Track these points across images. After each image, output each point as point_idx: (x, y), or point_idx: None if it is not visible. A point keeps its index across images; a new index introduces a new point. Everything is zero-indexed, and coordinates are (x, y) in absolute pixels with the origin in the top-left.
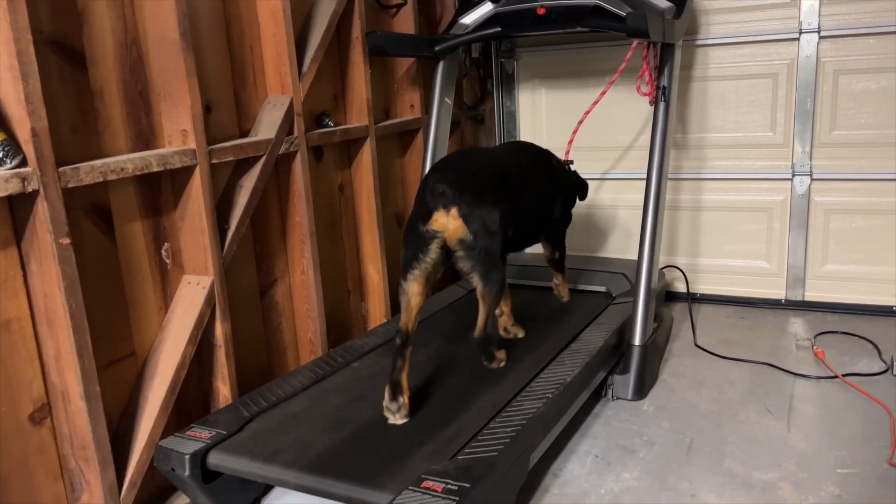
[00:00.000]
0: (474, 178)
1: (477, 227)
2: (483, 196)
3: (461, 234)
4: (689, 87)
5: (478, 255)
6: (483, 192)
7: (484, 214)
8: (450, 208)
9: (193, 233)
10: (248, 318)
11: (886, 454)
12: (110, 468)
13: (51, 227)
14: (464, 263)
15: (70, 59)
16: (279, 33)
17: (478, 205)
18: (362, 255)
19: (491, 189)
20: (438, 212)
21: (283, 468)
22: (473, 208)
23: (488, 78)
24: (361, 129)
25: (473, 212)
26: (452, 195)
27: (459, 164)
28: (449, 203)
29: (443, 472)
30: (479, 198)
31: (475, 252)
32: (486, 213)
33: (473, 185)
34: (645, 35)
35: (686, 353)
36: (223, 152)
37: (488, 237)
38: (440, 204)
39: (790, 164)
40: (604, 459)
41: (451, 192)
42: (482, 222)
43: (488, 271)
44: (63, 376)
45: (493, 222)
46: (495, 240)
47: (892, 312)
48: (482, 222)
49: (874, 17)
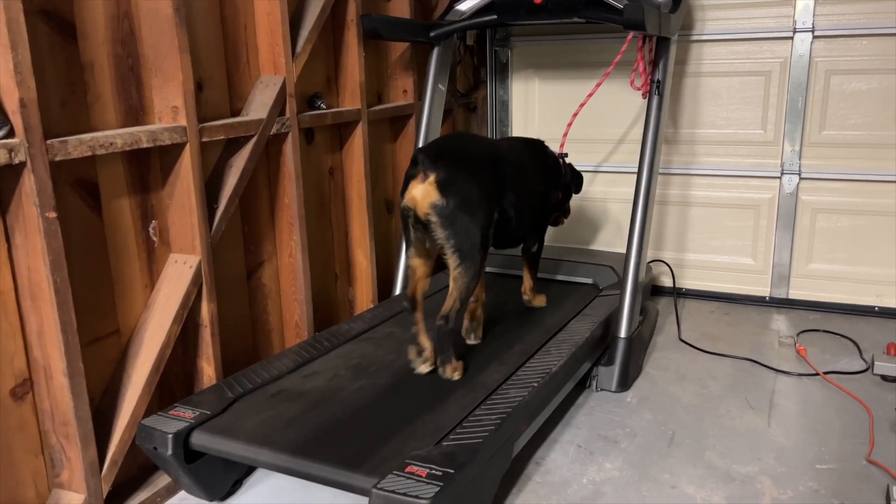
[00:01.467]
0: (459, 152)
1: (453, 195)
2: (465, 168)
3: (433, 199)
4: (682, 82)
5: (452, 224)
6: (466, 165)
7: (463, 184)
8: (428, 174)
9: (181, 211)
10: (234, 299)
11: (864, 451)
12: (91, 446)
13: (37, 200)
14: (438, 232)
15: (60, 30)
16: (273, 12)
17: (456, 173)
18: (351, 240)
19: (476, 165)
20: (416, 179)
21: (266, 450)
22: (451, 175)
23: (482, 66)
24: (354, 112)
25: (451, 178)
26: (431, 162)
27: (449, 141)
28: (427, 170)
29: (427, 457)
30: (460, 168)
31: (448, 220)
32: (465, 183)
33: (456, 156)
34: (641, 28)
35: (670, 346)
36: (214, 131)
37: (466, 209)
38: (418, 171)
39: (779, 163)
40: (586, 449)
41: (430, 160)
42: (460, 191)
43: (463, 246)
44: (46, 352)
45: (473, 194)
46: (475, 215)
47: (874, 312)
48: (460, 191)
49: (868, 19)
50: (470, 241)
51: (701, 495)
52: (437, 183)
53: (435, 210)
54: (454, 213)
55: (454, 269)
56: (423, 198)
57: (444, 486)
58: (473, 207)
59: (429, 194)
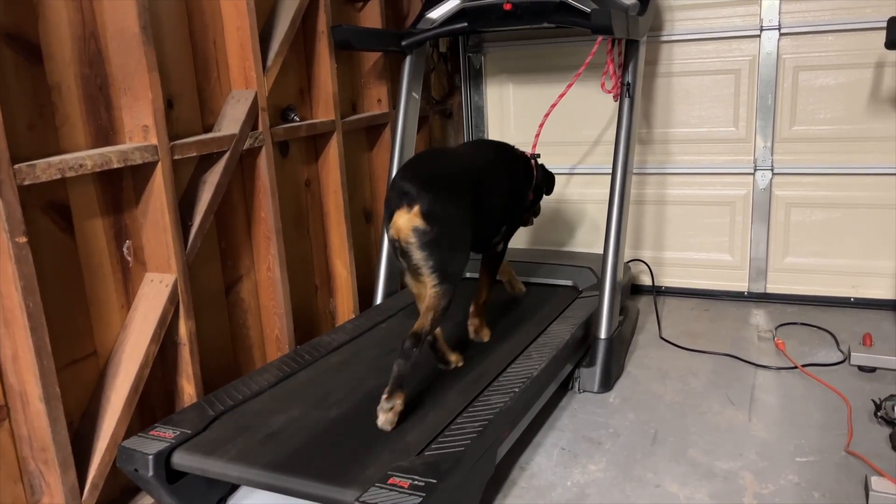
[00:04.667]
0: (440, 177)
1: (437, 224)
2: (448, 194)
3: (416, 223)
4: (654, 82)
5: (432, 248)
6: (448, 191)
7: (448, 211)
8: (412, 206)
9: (156, 230)
10: (213, 316)
11: (844, 442)
12: (71, 470)
13: (6, 226)
14: (415, 254)
15: (25, 52)
16: (243, 27)
17: (441, 202)
18: (330, 251)
19: (457, 189)
20: (400, 210)
21: (248, 467)
22: (436, 205)
23: (456, 73)
24: (328, 123)
25: (435, 209)
26: (415, 193)
27: (424, 163)
28: (412, 202)
29: (409, 468)
30: (443, 196)
31: (429, 245)
32: (449, 211)
33: (438, 183)
34: (609, 32)
35: (651, 345)
36: (186, 148)
37: (449, 235)
38: (403, 202)
39: (752, 159)
40: (570, 452)
41: (414, 190)
42: (444, 219)
43: (445, 268)
44: (21, 377)
45: (456, 220)
46: (457, 240)
47: (850, 303)
48: (444, 219)
49: (833, 15)
50: (450, 265)
51: (684, 493)
52: (422, 214)
53: (415, 233)
54: (436, 240)
55: (431, 288)
56: (405, 225)
57: (426, 496)
58: (456, 233)
59: (411, 220)
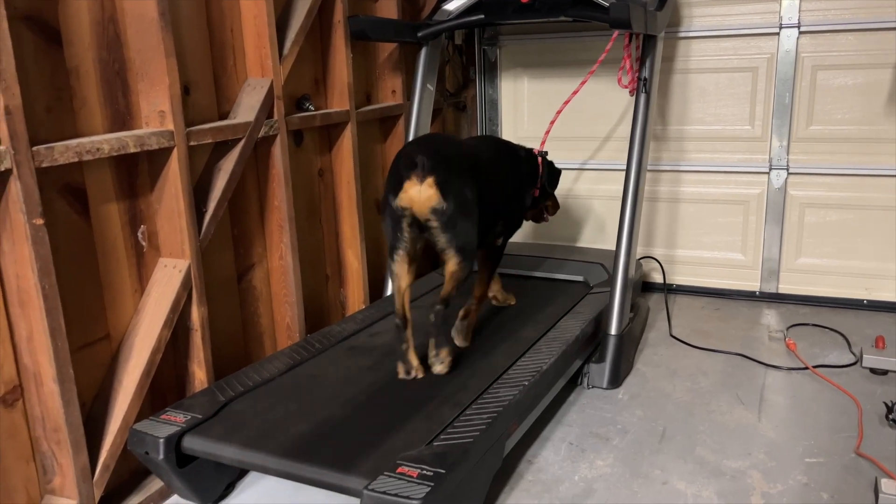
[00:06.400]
0: (449, 153)
1: (453, 198)
2: (459, 169)
3: (434, 203)
4: (670, 79)
5: (453, 227)
6: (459, 166)
7: (460, 185)
8: (425, 177)
9: (170, 215)
10: (224, 303)
11: (853, 444)
12: (83, 451)
13: (24, 207)
14: (438, 237)
15: (45, 35)
16: (260, 15)
17: (455, 175)
18: (341, 241)
19: (466, 166)
20: (410, 181)
21: (258, 452)
22: (450, 177)
23: (471, 65)
24: (342, 113)
25: (450, 181)
26: (429, 164)
27: (433, 141)
28: (425, 172)
29: (418, 457)
30: (456, 170)
31: (450, 223)
32: (462, 185)
33: (450, 157)
34: (627, 26)
35: (661, 342)
36: (201, 134)
37: (465, 210)
38: (413, 173)
39: (767, 158)
40: (578, 447)
41: (428, 162)
42: (459, 193)
43: (466, 246)
44: (35, 358)
45: (469, 195)
46: (471, 215)
47: (863, 306)
48: (459, 193)
49: (853, 14)
50: (469, 241)
51: (692, 490)
52: (437, 185)
53: (436, 214)
54: (454, 216)
55: (454, 265)
56: (423, 200)
57: (434, 486)
58: (469, 208)
59: (429, 197)
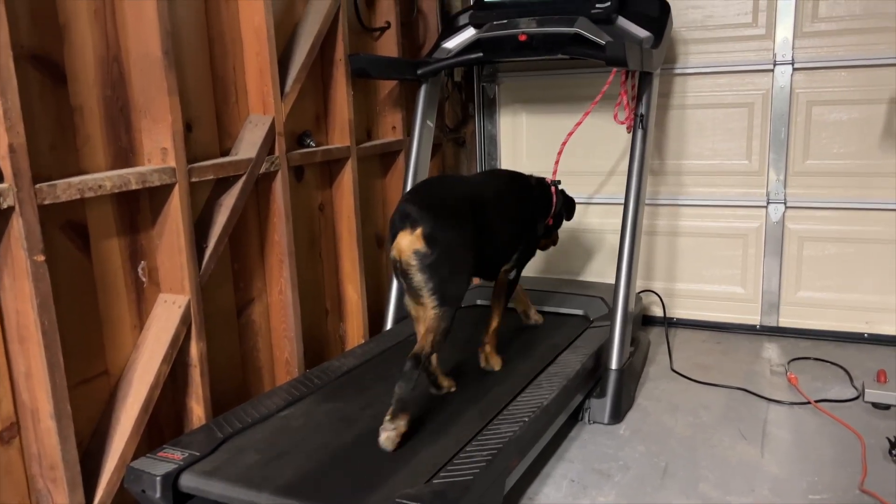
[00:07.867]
0: (442, 201)
1: (440, 246)
2: (451, 218)
3: (417, 246)
4: (668, 114)
5: (433, 270)
6: (451, 215)
7: (449, 235)
8: (414, 228)
9: (171, 251)
10: (224, 338)
11: (858, 480)
12: (79, 489)
13: (25, 244)
14: (415, 277)
15: (50, 74)
16: (262, 52)
17: (444, 226)
18: (341, 275)
19: (460, 214)
20: (403, 231)
21: (256, 490)
22: (438, 228)
23: (470, 101)
24: (343, 149)
25: (437, 232)
26: (418, 215)
27: (428, 189)
28: (414, 223)
29: (417, 495)
30: (447, 219)
31: (430, 267)
32: (450, 235)
33: (441, 206)
34: (623, 64)
35: (662, 377)
36: (203, 171)
37: (449, 258)
38: (406, 224)
39: (765, 192)
40: (579, 483)
41: (418, 212)
42: (445, 242)
43: (446, 291)
44: (33, 394)
45: (457, 244)
46: (458, 264)
47: (864, 339)
48: (445, 242)
49: (846, 51)
50: (449, 287)
51: None
52: (423, 237)
53: (416, 255)
54: (436, 263)
55: (431, 311)
56: (406, 247)
57: None
58: (457, 257)
59: (412, 244)
